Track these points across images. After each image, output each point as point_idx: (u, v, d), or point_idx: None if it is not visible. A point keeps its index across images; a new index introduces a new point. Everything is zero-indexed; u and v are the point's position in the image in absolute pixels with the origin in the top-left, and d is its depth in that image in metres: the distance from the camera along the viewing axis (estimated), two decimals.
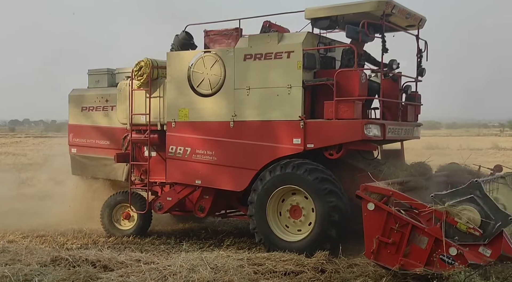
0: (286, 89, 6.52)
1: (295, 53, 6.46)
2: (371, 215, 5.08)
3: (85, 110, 8.62)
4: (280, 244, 6.38)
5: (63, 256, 5.85)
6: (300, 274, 5.48)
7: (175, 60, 7.45)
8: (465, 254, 4.61)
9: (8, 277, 4.97)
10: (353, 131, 6.24)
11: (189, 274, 4.93)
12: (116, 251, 6.41)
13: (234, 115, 6.90)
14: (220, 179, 7.02)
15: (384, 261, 5.06)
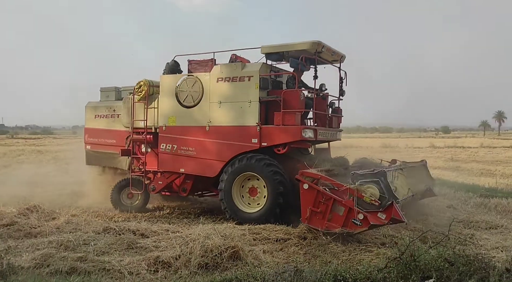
0: (247, 103, 8.64)
1: (254, 78, 8.61)
2: (305, 193, 7.18)
3: (97, 117, 11.04)
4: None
5: (112, 226, 7.27)
6: (287, 240, 6.97)
7: (166, 81, 9.63)
8: (369, 217, 6.58)
9: (71, 241, 6.34)
10: (295, 134, 8.36)
11: (205, 240, 6.03)
12: (150, 223, 7.81)
13: (209, 121, 9.01)
14: (198, 168, 9.13)
15: (315, 224, 7.07)
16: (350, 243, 6.89)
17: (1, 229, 7.49)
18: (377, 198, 6.69)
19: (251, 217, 8.26)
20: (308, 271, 4.46)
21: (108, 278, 5.08)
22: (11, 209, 8.51)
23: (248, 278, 4.44)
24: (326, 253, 6.42)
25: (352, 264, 5.22)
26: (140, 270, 5.47)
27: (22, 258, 5.59)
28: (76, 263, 5.48)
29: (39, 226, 7.59)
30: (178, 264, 5.57)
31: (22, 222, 7.81)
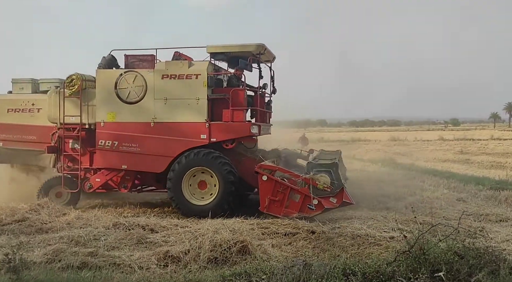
0: (195, 100, 8.75)
1: (201, 76, 8.75)
2: (264, 184, 7.90)
3: (11, 111, 9.98)
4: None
5: (121, 221, 7.35)
6: (296, 234, 6.98)
7: (103, 76, 9.21)
8: (323, 202, 7.66)
9: (82, 236, 6.45)
10: (244, 130, 8.84)
11: (214, 235, 6.09)
12: (160, 218, 7.89)
13: (154, 117, 8.91)
14: (143, 164, 9.00)
15: (273, 211, 7.85)
16: (359, 237, 6.89)
17: (13, 225, 7.62)
18: (328, 185, 7.75)
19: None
20: (317, 265, 4.47)
21: (118, 272, 5.14)
22: (22, 205, 8.63)
23: (257, 272, 4.46)
24: (334, 247, 6.43)
25: (361, 258, 5.22)
26: (150, 264, 5.52)
27: (34, 253, 5.69)
28: (87, 258, 5.55)
29: (50, 222, 7.71)
30: (188, 258, 5.61)
31: (33, 218, 7.96)
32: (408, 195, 10.43)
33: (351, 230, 7.12)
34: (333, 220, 7.74)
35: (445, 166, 17.93)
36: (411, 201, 9.63)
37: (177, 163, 8.67)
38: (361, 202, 9.91)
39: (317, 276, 4.03)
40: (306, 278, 4.05)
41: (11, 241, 6.29)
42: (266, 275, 4.31)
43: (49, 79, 10.22)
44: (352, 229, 7.21)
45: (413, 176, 14.24)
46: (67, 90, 9.24)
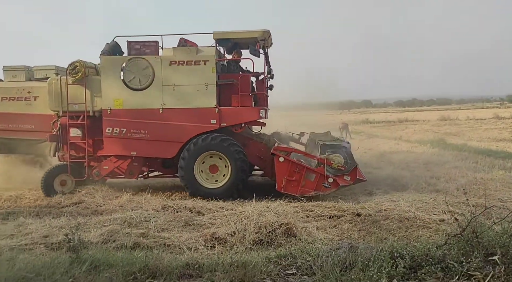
0: (204, 86, 8.86)
1: (210, 62, 8.86)
2: (281, 165, 8.30)
3: (5, 100, 9.59)
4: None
5: (170, 204, 7.67)
6: (341, 217, 6.98)
7: (109, 62, 9.11)
8: (337, 180, 8.17)
9: (134, 218, 6.75)
10: (253, 114, 9.08)
11: (258, 217, 6.21)
12: (206, 201, 8.08)
13: (163, 104, 8.92)
14: (153, 150, 9.04)
15: (290, 191, 8.24)
16: (407, 220, 6.73)
17: (71, 207, 8.14)
18: (342, 164, 8.24)
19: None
20: (363, 247, 4.42)
21: (168, 253, 5.34)
22: (78, 189, 9.16)
23: (302, 254, 4.48)
24: (381, 229, 6.33)
25: (409, 241, 5.10)
26: (198, 245, 5.70)
27: (90, 233, 6.03)
28: (139, 239, 5.81)
29: (104, 204, 8.16)
30: (234, 240, 5.73)
31: (89, 201, 8.46)
32: (459, 177, 9.97)
33: (398, 213, 6.97)
34: (379, 203, 7.58)
35: (500, 145, 16.94)
36: (462, 183, 9.22)
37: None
38: (408, 184, 9.64)
39: (363, 259, 3.98)
40: (352, 261, 4.01)
41: (70, 222, 6.70)
42: (311, 257, 4.31)
43: (44, 66, 9.89)
44: (399, 211, 7.06)
45: (465, 157, 13.58)
46: (70, 78, 9.05)
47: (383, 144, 18.24)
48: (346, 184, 8.30)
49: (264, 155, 9.49)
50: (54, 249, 5.51)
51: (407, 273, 3.85)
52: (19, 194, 9.12)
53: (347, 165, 8.32)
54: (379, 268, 3.76)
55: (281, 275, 4.02)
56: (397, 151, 15.78)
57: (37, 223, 6.76)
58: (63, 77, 9.25)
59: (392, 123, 33.52)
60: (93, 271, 3.97)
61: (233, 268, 4.06)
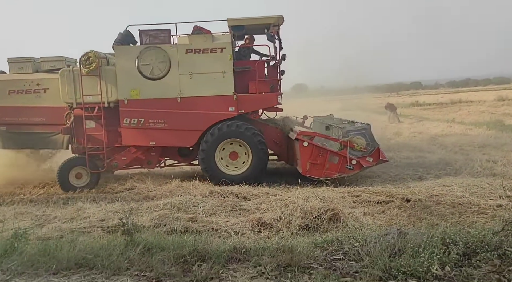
0: (221, 74, 8.85)
1: (226, 49, 8.84)
2: (305, 149, 8.39)
3: (12, 93, 9.22)
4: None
5: (216, 190, 7.86)
6: (389, 202, 6.79)
7: (123, 52, 8.97)
8: (361, 161, 8.35)
9: (183, 203, 6.97)
10: (271, 100, 9.13)
11: (304, 203, 6.18)
12: (251, 187, 8.18)
13: (180, 92, 8.87)
14: (172, 139, 9.04)
15: (314, 174, 8.42)
16: (460, 205, 6.45)
17: (124, 193, 8.56)
18: (364, 146, 8.41)
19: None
20: (413, 233, 4.29)
21: (216, 237, 5.48)
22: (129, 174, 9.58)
23: (349, 239, 4.43)
24: (432, 215, 6.13)
25: (462, 227, 4.88)
26: (245, 230, 5.79)
27: (143, 218, 6.31)
28: (188, 223, 6.00)
29: (154, 190, 8.47)
30: (280, 225, 5.77)
31: (140, 186, 8.83)
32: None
33: (451, 198, 6.69)
34: (430, 188, 7.30)
35: None
36: None
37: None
38: (462, 168, 9.21)
39: (413, 245, 3.87)
40: (401, 247, 3.91)
41: (124, 207, 7.05)
42: (359, 243, 4.26)
43: (52, 57, 9.53)
44: (452, 197, 6.78)
45: None
46: (84, 69, 8.82)
47: (434, 127, 17.47)
48: (369, 165, 8.52)
49: (279, 140, 9.60)
50: (110, 232, 5.84)
51: (461, 260, 3.71)
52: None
53: (369, 146, 8.50)
54: (430, 255, 3.64)
55: (327, 260, 4.01)
56: (449, 134, 15.07)
57: (94, 207, 7.17)
58: (75, 68, 9.09)
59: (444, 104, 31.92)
60: (146, 253, 4.16)
61: (279, 252, 4.10)
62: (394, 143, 14.03)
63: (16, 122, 9.34)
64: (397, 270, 3.53)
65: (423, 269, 3.50)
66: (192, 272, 3.80)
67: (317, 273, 3.72)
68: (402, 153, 11.85)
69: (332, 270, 3.77)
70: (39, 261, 3.98)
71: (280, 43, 9.27)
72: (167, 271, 3.80)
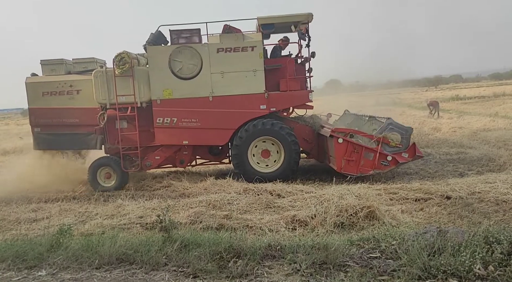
0: (252, 72, 8.90)
1: (257, 48, 8.93)
2: (339, 146, 8.36)
3: (46, 94, 9.37)
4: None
5: (251, 187, 7.90)
6: (428, 200, 6.61)
7: (156, 52, 9.05)
8: (396, 157, 8.31)
9: (218, 201, 7.06)
10: (303, 98, 9.21)
11: (339, 200, 6.10)
12: (285, 184, 8.18)
13: (212, 92, 8.97)
14: (205, 138, 9.15)
15: (349, 170, 8.37)
16: (505, 203, 6.17)
17: (162, 190, 8.78)
18: (399, 141, 8.37)
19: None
20: (453, 231, 4.13)
21: (251, 234, 5.53)
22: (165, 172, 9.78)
23: (386, 237, 4.33)
24: (474, 213, 5.91)
25: (507, 225, 4.66)
26: (279, 227, 5.80)
27: (179, 215, 6.45)
28: (223, 220, 6.09)
29: (190, 187, 8.65)
30: (314, 223, 5.74)
31: (176, 184, 9.03)
32: None
33: (495, 195, 6.43)
34: (472, 185, 7.04)
35: None
36: None
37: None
38: (507, 164, 8.80)
39: (454, 244, 3.73)
40: (441, 245, 3.78)
41: (161, 204, 7.22)
42: (396, 241, 4.15)
43: (83, 58, 9.82)
44: (495, 194, 6.51)
45: None
46: (117, 70, 8.94)
47: (475, 122, 16.76)
48: (405, 161, 8.48)
49: (309, 138, 9.55)
50: (149, 228, 6.02)
51: (505, 259, 3.53)
52: None
53: (404, 142, 8.46)
54: (472, 254, 3.50)
55: (364, 258, 3.94)
56: (492, 129, 14.42)
57: (133, 204, 7.40)
58: (108, 69, 9.22)
59: (486, 98, 30.55)
60: (183, 249, 4.24)
61: (314, 250, 4.07)
62: (433, 139, 13.59)
63: (50, 123, 9.47)
64: (436, 269, 3.42)
65: (464, 269, 3.37)
66: (227, 268, 3.85)
67: (353, 271, 3.67)
68: (441, 149, 11.48)
69: (368, 268, 3.71)
70: (83, 256, 4.16)
71: (309, 40, 9.25)
72: (204, 267, 3.86)
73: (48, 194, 8.96)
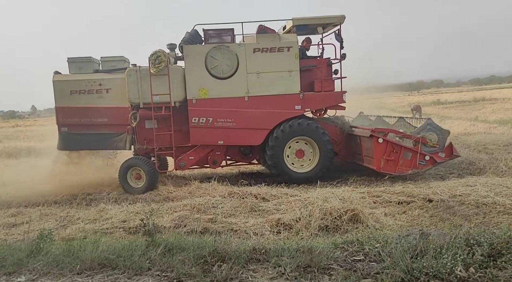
0: (288, 73, 8.99)
1: (293, 48, 8.97)
2: (379, 146, 8.51)
3: (74, 93, 9.11)
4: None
5: (235, 191, 7.85)
6: (410, 203, 6.70)
7: (192, 51, 8.96)
8: (434, 157, 8.53)
9: (202, 204, 7.02)
10: (337, 98, 9.30)
11: (323, 203, 6.08)
12: (270, 187, 8.18)
13: (247, 92, 8.95)
14: (240, 138, 9.13)
15: (388, 170, 8.55)
16: (485, 205, 6.29)
17: (145, 194, 8.67)
18: (437, 142, 8.60)
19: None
20: (435, 234, 4.20)
21: (236, 237, 5.51)
22: None
23: (369, 240, 4.38)
24: (455, 216, 6.00)
25: (487, 228, 4.77)
26: (264, 231, 5.80)
27: (163, 219, 6.39)
28: (208, 224, 6.05)
29: (174, 191, 8.56)
30: (299, 226, 5.75)
31: (161, 188, 8.93)
32: None
33: (475, 198, 6.55)
34: (453, 188, 7.16)
35: None
36: None
37: (281, 131, 8.97)
38: (486, 167, 9.00)
39: (436, 246, 3.79)
40: (423, 248, 3.83)
41: (145, 208, 7.16)
42: (380, 244, 4.20)
43: (112, 57, 9.55)
44: (476, 197, 6.63)
45: None
46: (153, 68, 8.77)
47: (456, 126, 17.09)
48: (442, 160, 8.68)
49: (338, 138, 9.62)
50: (132, 232, 5.94)
51: (485, 261, 3.61)
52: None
53: (441, 142, 8.66)
54: (454, 256, 3.56)
55: (348, 261, 3.97)
56: (472, 133, 14.72)
57: (116, 208, 7.30)
58: (142, 67, 9.03)
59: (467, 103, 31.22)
60: (167, 254, 4.20)
61: (299, 253, 4.08)
62: None
63: (78, 123, 9.23)
64: (419, 272, 3.46)
65: (446, 271, 3.43)
66: (212, 272, 3.82)
67: (337, 274, 3.69)
68: None
69: (352, 271, 3.73)
70: (64, 261, 4.08)
71: (342, 42, 9.33)
72: (188, 271, 3.83)
73: (28, 198, 8.78)
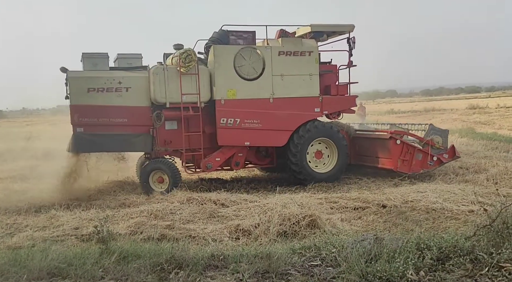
0: (308, 76, 9.32)
1: (314, 53, 9.36)
2: (397, 147, 9.14)
3: (92, 91, 8.40)
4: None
5: (194, 197, 7.71)
6: (366, 209, 6.92)
7: (221, 52, 8.95)
8: (440, 158, 9.38)
9: (160, 210, 6.86)
10: (351, 102, 9.84)
11: (282, 209, 6.20)
12: (229, 193, 8.10)
13: (272, 93, 9.14)
14: (265, 139, 9.28)
15: (403, 169, 9.18)
16: (434, 211, 6.61)
17: (100, 200, 8.34)
18: (442, 144, 9.41)
19: (324, 177, 9.30)
20: (388, 239, 4.36)
21: (194, 244, 5.43)
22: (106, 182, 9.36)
23: (326, 245, 4.46)
24: (407, 221, 6.25)
25: (436, 232, 5.00)
26: (223, 237, 5.77)
27: (119, 225, 6.19)
28: (165, 231, 5.93)
29: (131, 197, 8.27)
30: (258, 232, 5.77)
31: (117, 193, 8.63)
32: (489, 167, 9.71)
33: (425, 204, 6.87)
34: (405, 194, 7.48)
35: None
36: (493, 173, 9.00)
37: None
38: (436, 174, 9.45)
39: (389, 250, 3.93)
40: (377, 252, 3.96)
41: (99, 215, 6.88)
42: (336, 249, 4.29)
43: (129, 54, 9.13)
44: (426, 203, 6.95)
45: (496, 146, 13.16)
46: (183, 68, 8.54)
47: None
48: (446, 161, 9.49)
49: (346, 141, 9.90)
50: (85, 240, 5.70)
51: (435, 264, 3.78)
52: None
53: (445, 144, 9.46)
54: (405, 260, 3.71)
55: (305, 266, 4.02)
56: None
57: (68, 215, 6.97)
58: (169, 66, 8.74)
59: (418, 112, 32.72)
60: (122, 261, 4.07)
61: (257, 259, 4.09)
62: None
63: (96, 123, 8.51)
64: (373, 276, 3.57)
65: (398, 274, 3.56)
66: (169, 280, 3.75)
67: (295, 279, 3.73)
68: None
69: (309, 276, 3.78)
70: (9, 271, 3.84)
71: (350, 49, 9.73)
72: (143, 279, 3.73)
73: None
